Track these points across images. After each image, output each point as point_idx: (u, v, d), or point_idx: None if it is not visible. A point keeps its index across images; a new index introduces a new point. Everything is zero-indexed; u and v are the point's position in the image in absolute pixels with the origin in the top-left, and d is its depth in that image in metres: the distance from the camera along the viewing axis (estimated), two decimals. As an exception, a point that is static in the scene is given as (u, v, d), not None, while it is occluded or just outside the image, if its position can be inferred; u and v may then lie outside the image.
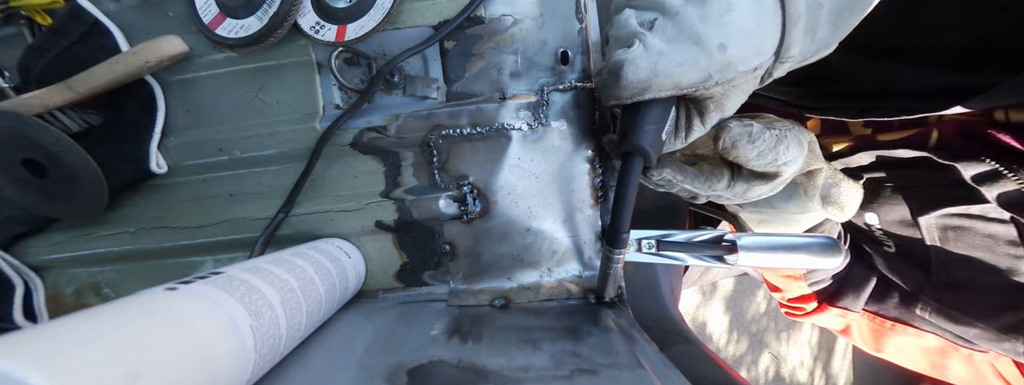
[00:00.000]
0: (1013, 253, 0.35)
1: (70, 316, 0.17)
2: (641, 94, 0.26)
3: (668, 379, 0.26)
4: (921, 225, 0.39)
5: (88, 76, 0.35)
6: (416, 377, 0.26)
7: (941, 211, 0.38)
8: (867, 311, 0.46)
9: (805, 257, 0.33)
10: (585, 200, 0.37)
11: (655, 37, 0.25)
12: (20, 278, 0.40)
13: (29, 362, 0.14)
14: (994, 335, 0.36)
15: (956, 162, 0.35)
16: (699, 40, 0.24)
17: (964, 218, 0.37)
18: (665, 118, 0.28)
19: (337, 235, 0.38)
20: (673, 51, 0.25)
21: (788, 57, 0.25)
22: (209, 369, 0.19)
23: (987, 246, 0.36)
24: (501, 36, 0.36)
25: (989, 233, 0.36)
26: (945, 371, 0.42)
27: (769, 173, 0.30)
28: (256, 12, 0.34)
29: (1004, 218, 0.35)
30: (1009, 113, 0.34)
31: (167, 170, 0.39)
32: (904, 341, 0.44)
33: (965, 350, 0.40)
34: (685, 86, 0.26)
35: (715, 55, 0.24)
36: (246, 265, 0.26)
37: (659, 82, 0.25)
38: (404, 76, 0.37)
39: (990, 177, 0.34)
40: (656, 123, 0.27)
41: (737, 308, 1.91)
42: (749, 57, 0.25)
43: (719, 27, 0.24)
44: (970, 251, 0.37)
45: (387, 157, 0.38)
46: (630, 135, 0.28)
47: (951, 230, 0.38)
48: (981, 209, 0.36)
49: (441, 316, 0.35)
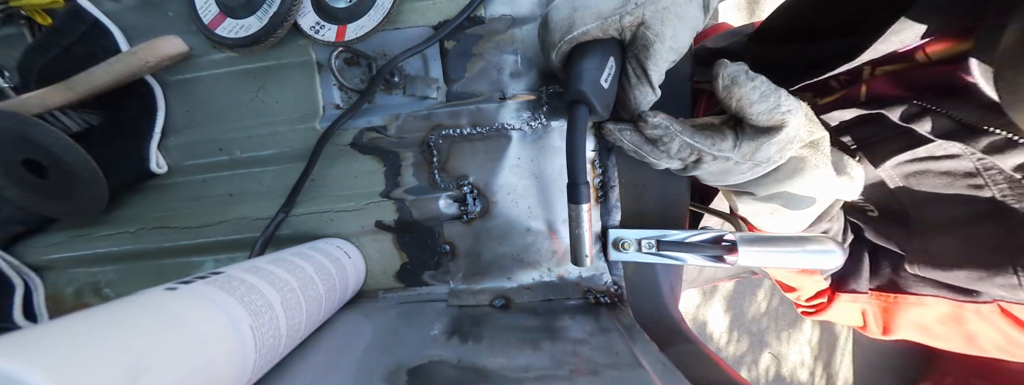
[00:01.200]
0: (972, 183, 0.35)
1: (70, 316, 0.17)
2: (569, 32, 0.27)
3: (668, 379, 0.26)
4: (884, 178, 0.40)
5: (88, 76, 0.35)
6: (416, 377, 0.26)
7: (894, 160, 0.38)
8: (872, 290, 0.46)
9: (805, 256, 0.33)
10: (585, 200, 0.37)
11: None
12: (20, 278, 0.40)
13: (29, 362, 0.14)
14: (983, 272, 0.36)
15: (882, 109, 0.37)
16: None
17: (918, 162, 0.38)
18: (603, 63, 0.28)
19: (337, 235, 0.38)
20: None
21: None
22: (209, 369, 0.19)
23: (947, 183, 0.37)
24: (501, 36, 0.36)
25: (944, 170, 0.36)
26: (981, 341, 0.41)
27: (773, 125, 0.30)
28: (256, 12, 0.34)
29: (953, 153, 0.35)
30: (927, 51, 0.37)
31: (167, 170, 0.39)
32: (916, 315, 0.43)
33: (970, 305, 0.39)
34: (606, 13, 0.27)
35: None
36: (246, 265, 0.26)
37: (580, 15, 0.27)
38: (404, 76, 0.37)
39: (916, 115, 0.35)
40: (594, 68, 0.28)
41: (737, 308, 1.91)
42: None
43: None
44: (935, 191, 0.38)
45: (387, 157, 0.38)
46: (569, 82, 0.28)
47: (912, 177, 0.39)
48: (927, 150, 0.36)
49: (441, 316, 0.35)
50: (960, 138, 0.34)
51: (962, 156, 0.35)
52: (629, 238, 0.36)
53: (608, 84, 0.28)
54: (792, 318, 2.00)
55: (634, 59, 0.29)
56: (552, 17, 0.28)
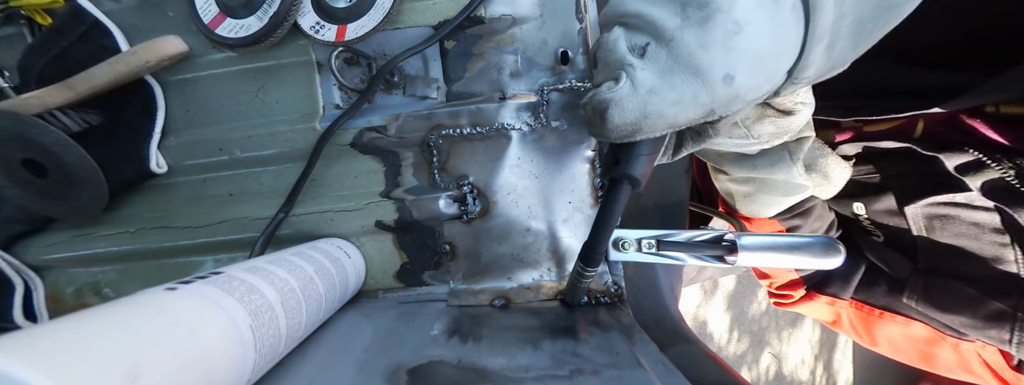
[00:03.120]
0: (998, 241, 0.35)
1: (70, 316, 0.17)
2: (632, 137, 0.23)
3: (668, 379, 0.26)
4: (907, 214, 0.40)
5: (88, 76, 0.35)
6: (416, 377, 0.26)
7: (926, 200, 0.38)
8: (855, 300, 0.46)
9: (805, 257, 0.33)
10: (585, 200, 0.37)
11: (646, 68, 0.21)
12: (20, 278, 0.40)
13: (29, 362, 0.14)
14: (980, 323, 0.36)
15: (940, 153, 0.36)
16: (699, 71, 0.20)
17: (949, 207, 0.37)
18: (660, 147, 0.26)
19: (337, 235, 0.38)
20: (667, 87, 0.21)
21: (802, 78, 0.21)
22: (209, 369, 0.19)
23: (972, 234, 0.36)
24: (501, 36, 0.36)
25: (974, 221, 0.36)
26: (933, 361, 0.43)
27: (785, 110, 0.29)
28: (256, 12, 0.34)
29: (988, 206, 0.35)
30: (999, 107, 0.35)
31: (167, 170, 0.39)
32: (893, 331, 0.44)
33: (952, 340, 0.40)
34: (682, 125, 0.22)
35: (719, 89, 0.20)
36: (246, 265, 0.26)
37: (650, 124, 0.22)
38: (404, 76, 0.37)
39: (973, 167, 0.34)
40: (649, 153, 0.26)
41: (738, 307, 1.91)
42: (761, 85, 0.21)
43: (725, 54, 0.19)
44: (956, 240, 0.38)
45: (387, 157, 0.38)
46: (622, 163, 0.26)
47: (937, 219, 0.38)
48: (966, 197, 0.36)
49: (441, 316, 0.35)
50: (1005, 201, 0.34)
51: (994, 210, 0.35)
52: (629, 238, 0.36)
53: (656, 162, 0.28)
54: (792, 318, 2.00)
55: (676, 138, 0.28)
56: (612, 118, 0.22)
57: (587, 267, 0.31)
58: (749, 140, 0.32)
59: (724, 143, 0.33)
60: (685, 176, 0.39)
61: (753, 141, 0.32)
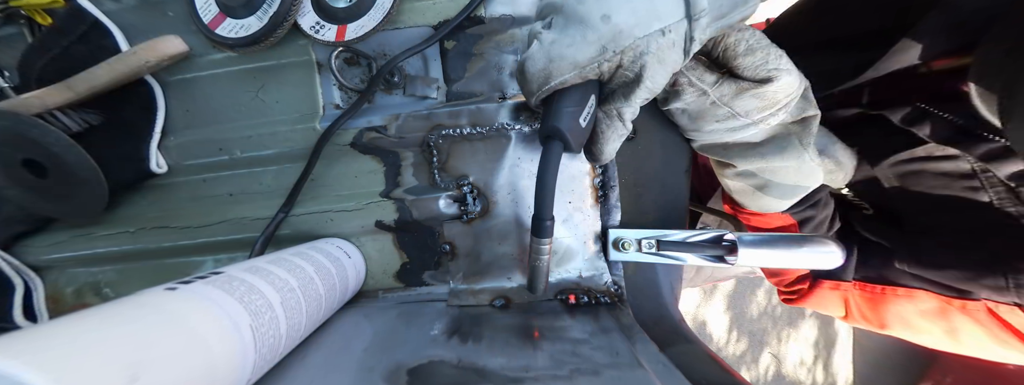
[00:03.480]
0: (968, 185, 0.36)
1: (70, 316, 0.17)
2: (546, 82, 0.27)
3: (668, 379, 0.26)
4: (879, 177, 0.40)
5: (88, 76, 0.35)
6: (416, 377, 0.26)
7: (891, 159, 0.39)
8: (857, 281, 0.46)
9: (805, 256, 0.33)
10: (585, 200, 0.37)
11: (550, 30, 0.27)
12: (20, 278, 0.40)
13: (29, 362, 0.14)
14: (972, 273, 0.36)
15: (883, 110, 0.37)
16: (582, 19, 0.25)
17: (914, 162, 0.38)
18: (583, 102, 0.28)
19: (337, 235, 0.38)
20: (562, 36, 0.26)
21: (699, 13, 0.25)
22: (209, 369, 0.19)
23: (943, 185, 0.37)
24: (501, 36, 0.36)
25: (941, 171, 0.37)
26: (961, 337, 0.41)
27: (760, 78, 0.29)
28: (256, 12, 0.34)
29: (951, 154, 0.36)
30: (931, 65, 0.37)
31: (167, 170, 0.39)
32: (902, 308, 0.43)
33: (957, 302, 0.39)
34: (583, 62, 0.26)
35: (601, 27, 0.25)
36: (246, 265, 0.26)
37: (556, 66, 0.26)
38: (404, 76, 0.37)
39: (917, 118, 0.36)
40: (572, 107, 0.28)
41: (737, 308, 1.91)
42: (644, 21, 0.25)
43: (597, 1, 0.25)
44: (930, 192, 0.38)
45: (387, 157, 0.38)
46: (546, 119, 0.28)
47: (908, 177, 0.39)
48: (925, 150, 0.37)
49: (441, 316, 0.35)
50: (958, 144, 0.35)
51: (960, 158, 0.35)
52: (629, 238, 0.36)
53: (586, 122, 0.28)
54: (792, 317, 2.00)
55: (610, 97, 0.29)
56: (527, 68, 0.28)
57: (539, 240, 0.30)
58: (738, 119, 0.31)
59: (717, 130, 0.33)
60: (685, 176, 0.39)
61: (743, 120, 0.31)
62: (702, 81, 0.30)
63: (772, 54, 0.29)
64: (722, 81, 0.30)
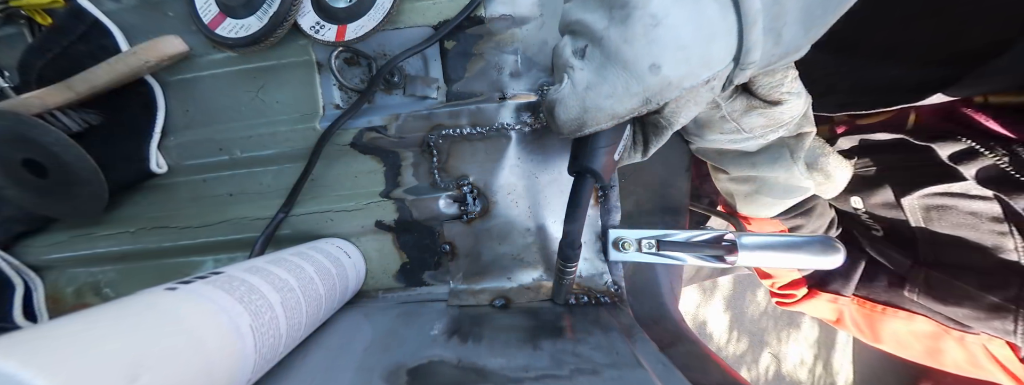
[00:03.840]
0: (997, 229, 0.35)
1: (70, 316, 0.17)
2: (581, 130, 0.25)
3: (668, 379, 0.26)
4: (904, 206, 0.40)
5: (88, 76, 0.35)
6: (416, 377, 0.26)
7: (923, 191, 0.38)
8: (857, 296, 0.46)
9: (805, 257, 0.33)
10: (585, 200, 0.37)
11: (585, 68, 0.23)
12: (20, 278, 0.40)
13: (29, 362, 0.14)
14: (983, 314, 0.36)
15: (932, 142, 0.36)
16: (627, 64, 0.22)
17: (946, 197, 0.37)
18: (617, 140, 0.27)
19: (337, 235, 0.38)
20: (601, 81, 0.23)
21: (749, 63, 0.22)
22: (209, 369, 0.19)
23: (971, 224, 0.36)
24: (501, 36, 0.36)
25: (971, 211, 0.36)
26: (941, 357, 0.42)
27: (772, 99, 0.29)
28: (256, 12, 0.34)
29: (986, 195, 0.35)
30: (988, 96, 0.35)
31: (167, 170, 0.39)
32: (897, 326, 0.43)
33: (956, 333, 0.39)
34: (623, 115, 0.24)
35: (648, 78, 0.22)
36: (246, 265, 0.26)
37: (592, 117, 0.24)
38: (404, 76, 0.37)
39: (967, 155, 0.35)
40: (606, 145, 0.27)
41: (737, 307, 1.91)
42: (694, 72, 0.22)
43: (647, 46, 0.21)
44: (955, 230, 0.37)
45: (387, 157, 0.38)
46: (580, 157, 0.27)
47: (934, 210, 0.38)
48: (962, 187, 0.36)
49: (441, 316, 0.35)
50: (1001, 188, 0.34)
51: (993, 199, 0.35)
52: (629, 238, 0.36)
53: (619, 156, 0.28)
54: (792, 317, 2.00)
55: (639, 130, 0.28)
56: (559, 114, 0.25)
57: (566, 263, 0.31)
58: (741, 134, 0.31)
59: (718, 140, 0.33)
60: (685, 176, 0.39)
61: (746, 135, 0.31)
62: (718, 95, 0.30)
63: (789, 76, 0.28)
64: (736, 96, 0.30)
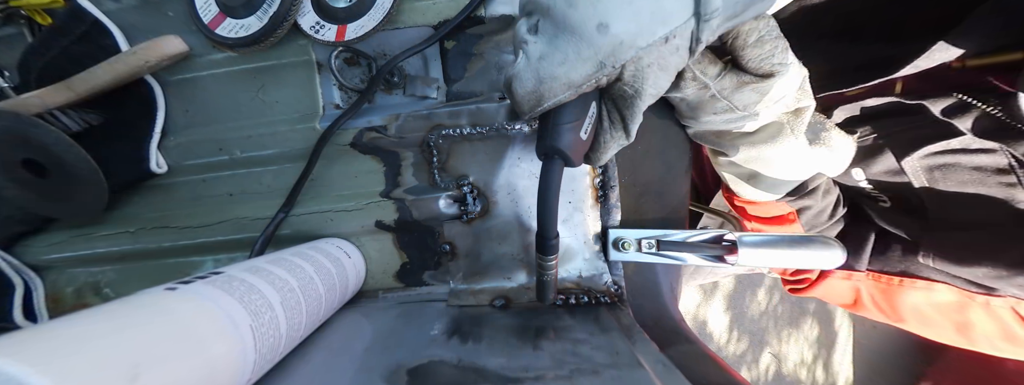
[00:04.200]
0: (1005, 181, 0.34)
1: (70, 316, 0.17)
2: (539, 104, 0.24)
3: (668, 379, 0.26)
4: (907, 169, 0.39)
5: (88, 76, 0.35)
6: (416, 377, 0.26)
7: (922, 151, 0.37)
8: (871, 271, 0.44)
9: (806, 255, 0.33)
10: (585, 200, 0.37)
11: (537, 41, 0.23)
12: (20, 278, 0.40)
13: (29, 362, 0.14)
14: (1004, 271, 0.35)
15: (923, 100, 0.36)
16: (574, 29, 0.21)
17: (947, 155, 0.37)
18: (582, 114, 0.25)
19: (337, 235, 0.38)
20: (553, 50, 0.22)
21: (710, 13, 0.21)
22: (209, 369, 0.19)
23: (977, 179, 0.36)
24: (501, 36, 0.36)
25: (975, 165, 0.35)
26: (971, 331, 0.40)
27: (763, 73, 0.28)
28: (256, 12, 0.34)
29: (988, 147, 0.34)
30: (966, 62, 0.36)
31: (167, 170, 0.39)
32: (917, 299, 0.42)
33: (981, 297, 0.38)
34: (579, 82, 0.23)
35: (597, 39, 0.21)
36: (246, 265, 0.26)
37: (548, 88, 0.23)
38: (404, 76, 0.37)
39: (959, 109, 0.34)
40: (570, 121, 0.25)
41: (738, 307, 1.91)
42: (647, 28, 0.21)
43: (591, 6, 0.21)
44: (962, 188, 0.37)
45: (387, 157, 0.38)
46: (544, 137, 0.26)
47: (938, 170, 0.37)
48: (961, 142, 0.36)
49: (441, 316, 0.35)
50: (1000, 138, 0.33)
51: (998, 152, 0.34)
52: (629, 238, 0.36)
53: (587, 134, 0.26)
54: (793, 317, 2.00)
55: (612, 106, 0.26)
56: (515, 88, 0.24)
57: (545, 257, 0.30)
58: (735, 113, 0.31)
59: (713, 121, 0.32)
60: (685, 176, 0.39)
61: (741, 114, 0.31)
62: (705, 74, 0.29)
63: (779, 47, 0.27)
64: (724, 74, 0.29)
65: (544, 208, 0.27)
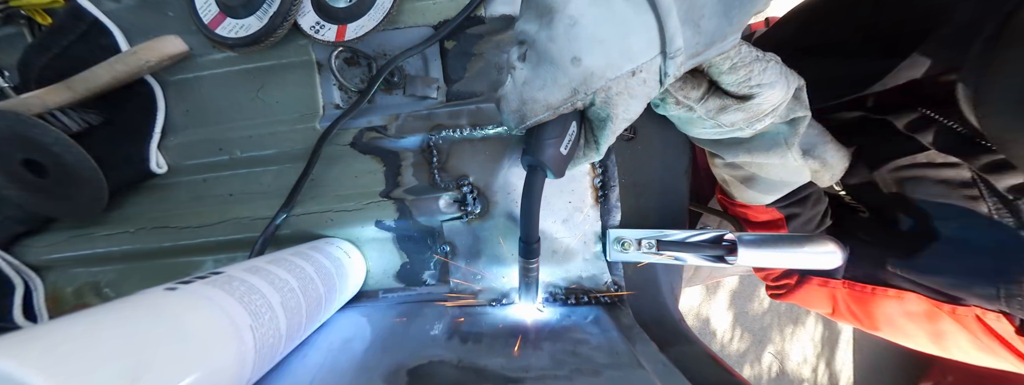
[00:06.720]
0: (968, 194, 0.36)
1: (70, 316, 0.17)
2: (523, 121, 0.27)
3: (668, 379, 0.26)
4: (878, 181, 0.41)
5: (88, 76, 0.35)
6: (416, 377, 0.26)
7: (891, 164, 0.39)
8: (846, 280, 0.46)
9: (805, 256, 0.33)
10: (585, 200, 0.37)
11: (524, 67, 0.26)
12: (20, 278, 0.40)
13: (29, 362, 0.14)
14: (964, 281, 0.36)
15: (887, 115, 0.37)
16: (553, 59, 0.25)
17: (915, 168, 0.38)
18: (563, 132, 0.28)
19: (337, 235, 0.38)
20: (534, 76, 0.26)
21: (674, 51, 0.24)
22: (209, 369, 0.19)
23: (942, 193, 0.37)
24: (501, 36, 0.36)
25: (941, 179, 0.37)
26: (944, 340, 0.41)
27: (742, 94, 0.29)
28: (256, 12, 0.34)
29: (952, 162, 0.36)
30: (936, 78, 0.37)
31: (167, 170, 0.39)
32: (890, 308, 0.43)
33: (947, 306, 0.39)
34: (556, 105, 0.26)
35: (571, 70, 0.25)
36: (246, 265, 0.26)
37: (530, 108, 0.26)
38: (404, 76, 0.37)
39: (922, 125, 0.36)
40: (553, 137, 0.28)
41: (740, 306, 1.91)
42: (615, 63, 0.24)
43: (568, 42, 0.24)
44: (931, 198, 0.38)
45: (387, 157, 0.38)
46: (529, 150, 0.28)
47: (907, 182, 0.39)
48: (927, 156, 0.37)
49: (441, 316, 0.35)
50: (959, 153, 0.35)
51: (961, 166, 0.36)
52: (629, 238, 0.36)
53: (567, 149, 0.29)
54: (794, 316, 2.00)
55: (587, 127, 0.29)
56: (503, 107, 0.28)
57: (527, 261, 0.31)
58: (725, 128, 0.32)
59: (706, 133, 0.33)
60: (685, 176, 0.39)
61: (728, 129, 0.32)
62: (688, 98, 0.30)
63: (755, 70, 0.28)
64: (708, 97, 0.30)
65: (527, 215, 0.29)
